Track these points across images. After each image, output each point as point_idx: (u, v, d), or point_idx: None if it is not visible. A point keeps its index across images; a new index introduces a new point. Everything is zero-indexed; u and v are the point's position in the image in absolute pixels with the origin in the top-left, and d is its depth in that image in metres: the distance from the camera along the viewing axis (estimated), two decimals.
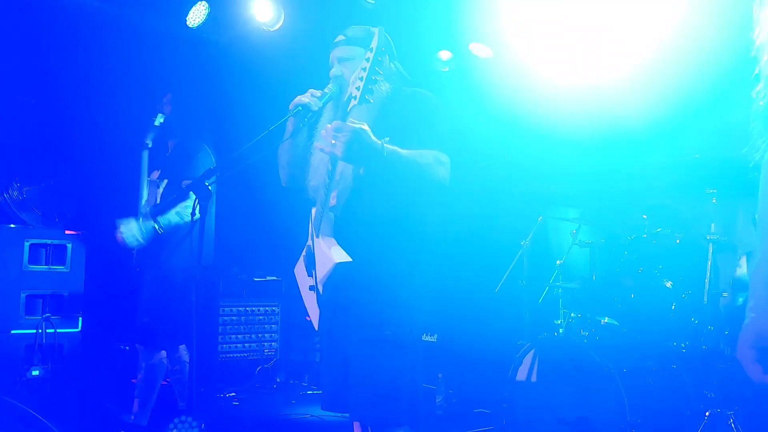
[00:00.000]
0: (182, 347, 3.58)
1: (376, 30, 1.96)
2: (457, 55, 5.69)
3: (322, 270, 2.03)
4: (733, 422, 2.70)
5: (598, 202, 4.65)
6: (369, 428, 2.10)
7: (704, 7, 3.28)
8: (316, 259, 2.09)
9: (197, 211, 2.13)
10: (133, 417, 3.45)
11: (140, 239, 3.30)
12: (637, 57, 3.73)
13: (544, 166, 5.19)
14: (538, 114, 5.29)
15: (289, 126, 2.21)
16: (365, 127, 1.84)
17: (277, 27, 5.08)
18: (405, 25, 5.30)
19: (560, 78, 4.32)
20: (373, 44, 1.84)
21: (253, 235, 5.99)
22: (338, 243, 2.05)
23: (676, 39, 3.48)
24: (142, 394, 3.44)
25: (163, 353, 3.50)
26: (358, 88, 1.86)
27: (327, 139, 1.84)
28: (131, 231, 3.31)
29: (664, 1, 3.55)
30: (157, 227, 3.33)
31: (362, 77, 1.85)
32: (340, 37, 2.26)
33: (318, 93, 2.15)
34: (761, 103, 1.22)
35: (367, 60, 1.85)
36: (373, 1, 4.93)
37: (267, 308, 5.66)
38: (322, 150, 1.90)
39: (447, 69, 5.73)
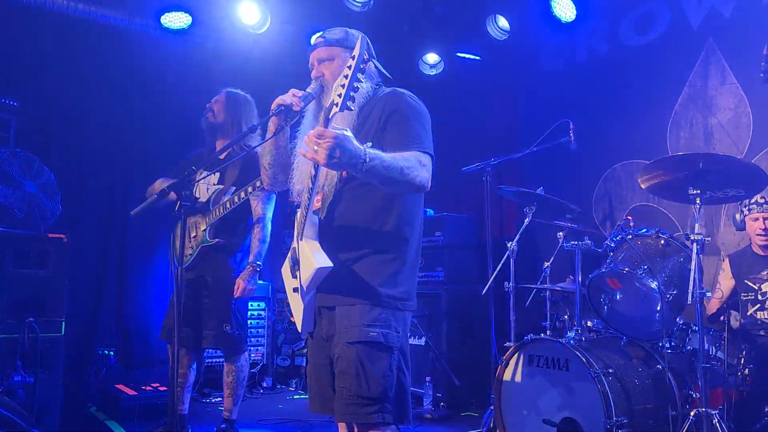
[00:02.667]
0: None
1: (358, 37, 1.96)
2: (443, 58, 5.71)
3: (306, 273, 2.03)
4: (718, 422, 2.70)
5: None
6: (355, 430, 2.09)
7: None
8: (300, 261, 2.08)
9: (180, 213, 2.12)
10: (228, 414, 3.64)
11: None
12: None
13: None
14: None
15: (272, 126, 2.20)
16: (347, 132, 1.83)
17: (263, 30, 5.09)
18: (390, 29, 5.32)
19: None
20: (355, 52, 1.85)
21: None
22: (322, 246, 2.05)
23: None
24: (236, 393, 3.64)
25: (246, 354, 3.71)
26: (339, 95, 1.86)
27: (309, 145, 1.83)
28: (255, 284, 3.51)
29: None
30: (258, 266, 3.51)
31: (344, 84, 1.85)
32: (320, 39, 2.27)
33: (300, 93, 2.14)
34: None
35: (349, 67, 1.85)
36: (358, 5, 4.94)
37: (254, 312, 5.62)
38: (304, 156, 1.89)
39: (434, 72, 5.76)
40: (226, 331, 3.52)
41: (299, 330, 2.21)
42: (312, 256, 1.99)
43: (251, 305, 5.61)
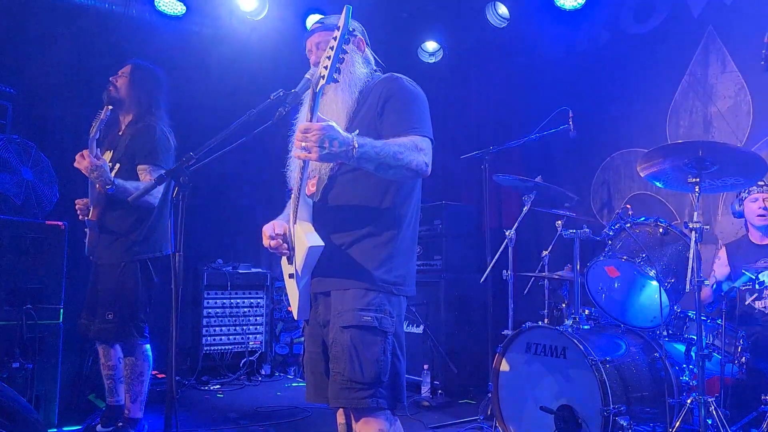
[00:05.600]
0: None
1: (344, 9, 1.94)
2: (442, 46, 5.69)
3: (299, 255, 2.02)
4: (714, 409, 2.72)
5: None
6: (352, 415, 2.09)
7: None
8: (295, 245, 2.07)
9: (178, 199, 2.10)
10: (127, 411, 3.39)
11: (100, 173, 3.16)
12: None
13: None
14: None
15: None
16: (332, 123, 1.84)
17: (261, 17, 5.06)
18: (389, 16, 5.29)
19: None
20: (340, 23, 1.84)
21: (237, 226, 5.97)
22: (316, 229, 2.04)
23: None
24: (133, 389, 3.38)
25: (147, 346, 3.44)
26: (325, 67, 1.86)
27: (297, 145, 1.85)
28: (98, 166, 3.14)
29: None
30: (109, 186, 3.18)
31: (329, 56, 1.85)
32: (317, 24, 2.26)
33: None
34: None
35: (335, 38, 1.84)
36: None
37: (252, 300, 5.64)
38: (297, 158, 1.91)
39: (433, 60, 5.73)
40: (107, 319, 3.29)
41: (295, 317, 2.20)
42: (304, 237, 1.98)
43: (249, 293, 5.63)
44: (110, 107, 3.32)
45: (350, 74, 2.13)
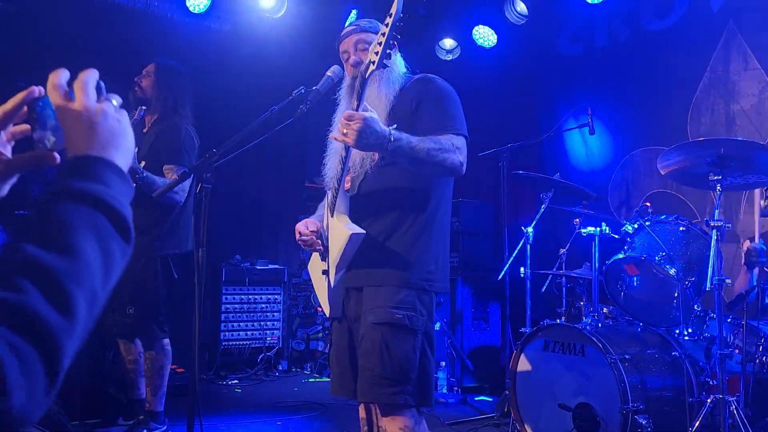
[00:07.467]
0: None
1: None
2: (460, 43, 5.67)
3: (338, 244, 2.03)
4: (735, 409, 2.69)
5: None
6: (376, 411, 2.11)
7: None
8: (329, 238, 2.09)
9: (201, 196, 2.12)
10: (148, 405, 3.45)
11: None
12: None
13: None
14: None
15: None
16: (374, 114, 1.87)
17: (280, 14, 5.08)
18: (406, 13, 5.28)
19: None
20: (393, 10, 1.84)
21: (255, 223, 6.00)
22: (353, 221, 2.06)
23: None
24: (154, 383, 3.44)
25: (166, 340, 3.49)
26: (376, 53, 1.87)
27: (339, 129, 1.87)
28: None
29: None
30: (138, 175, 3.16)
31: (381, 42, 1.86)
32: (352, 26, 2.26)
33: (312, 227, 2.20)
34: None
35: (386, 25, 1.85)
36: None
37: (270, 296, 5.68)
38: (335, 140, 1.94)
39: (450, 57, 5.72)
40: (128, 314, 3.34)
41: (327, 314, 2.22)
42: (344, 227, 2.01)
43: (267, 289, 5.66)
44: (144, 107, 3.37)
45: (393, 71, 2.16)
